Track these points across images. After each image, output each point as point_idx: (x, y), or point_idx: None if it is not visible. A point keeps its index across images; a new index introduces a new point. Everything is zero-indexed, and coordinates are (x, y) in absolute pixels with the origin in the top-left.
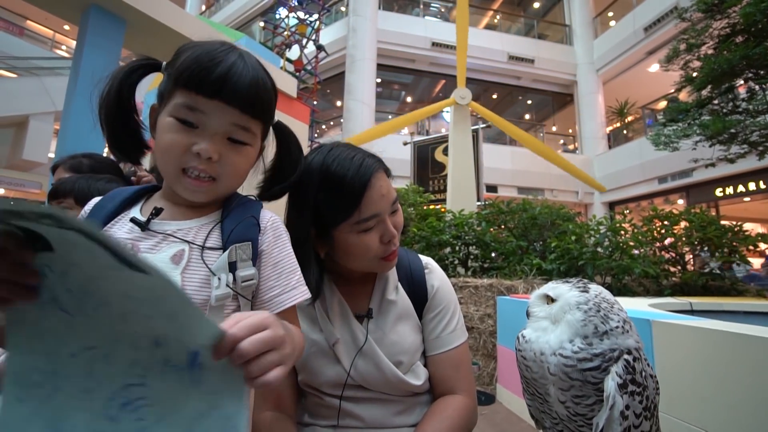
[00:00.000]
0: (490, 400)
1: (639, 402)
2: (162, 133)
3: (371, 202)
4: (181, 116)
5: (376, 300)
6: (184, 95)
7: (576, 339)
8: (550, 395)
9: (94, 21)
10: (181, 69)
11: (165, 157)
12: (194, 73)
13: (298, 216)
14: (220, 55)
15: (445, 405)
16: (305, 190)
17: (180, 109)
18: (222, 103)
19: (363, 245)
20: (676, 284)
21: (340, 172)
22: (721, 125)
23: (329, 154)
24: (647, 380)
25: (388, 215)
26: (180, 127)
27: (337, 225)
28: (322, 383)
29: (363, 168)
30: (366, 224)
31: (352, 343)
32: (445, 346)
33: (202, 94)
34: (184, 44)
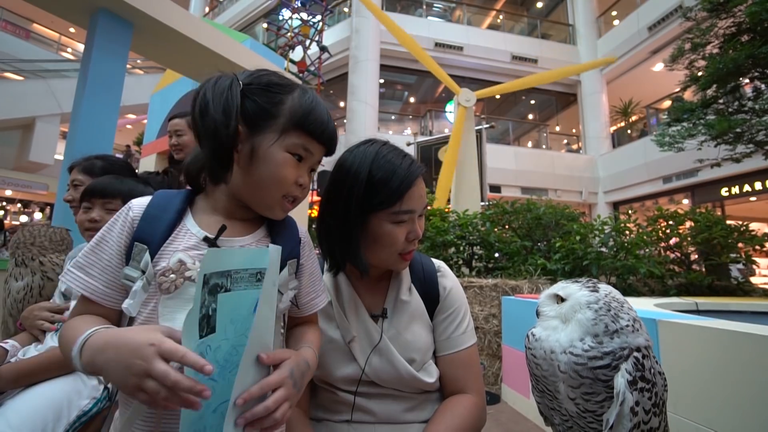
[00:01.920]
0: (495, 399)
1: (648, 398)
2: (278, 166)
3: (412, 198)
4: (298, 153)
5: (390, 300)
6: (302, 138)
7: (586, 338)
8: (559, 392)
9: (102, 24)
10: (305, 119)
11: (277, 186)
12: (319, 126)
13: (347, 196)
14: (326, 111)
15: (456, 403)
16: (357, 173)
17: (299, 148)
18: (324, 148)
19: (392, 236)
20: (681, 284)
21: (394, 162)
22: (726, 124)
23: (385, 146)
24: (656, 377)
25: (417, 217)
26: (295, 162)
27: (377, 210)
28: (337, 379)
29: (414, 166)
30: (401, 216)
31: (367, 341)
32: (456, 346)
33: (318, 141)
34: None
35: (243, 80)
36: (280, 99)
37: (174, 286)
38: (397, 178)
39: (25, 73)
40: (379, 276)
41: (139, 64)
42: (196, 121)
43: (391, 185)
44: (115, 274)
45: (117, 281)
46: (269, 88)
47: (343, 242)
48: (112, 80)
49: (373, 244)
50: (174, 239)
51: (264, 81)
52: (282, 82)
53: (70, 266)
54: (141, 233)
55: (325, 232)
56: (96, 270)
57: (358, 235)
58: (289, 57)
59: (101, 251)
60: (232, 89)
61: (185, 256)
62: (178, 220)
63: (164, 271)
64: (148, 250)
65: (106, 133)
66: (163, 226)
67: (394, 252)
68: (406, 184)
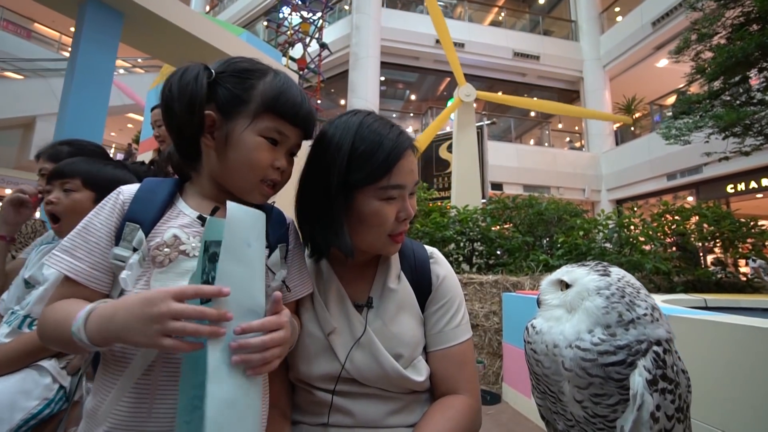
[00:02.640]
0: (495, 399)
1: (671, 401)
2: (251, 150)
3: (401, 172)
4: (272, 137)
5: (377, 289)
6: (275, 121)
7: (596, 329)
8: (564, 394)
9: (91, 14)
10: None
11: (252, 170)
12: (291, 107)
13: (328, 171)
14: (300, 93)
15: (447, 405)
16: (338, 146)
17: (272, 131)
18: (299, 130)
19: (380, 214)
20: (688, 281)
21: (381, 132)
22: (735, 116)
23: (370, 116)
24: (679, 376)
25: (408, 195)
26: (269, 146)
27: (362, 186)
28: (314, 377)
29: (402, 136)
30: (390, 192)
31: (349, 334)
32: (448, 341)
33: (291, 124)
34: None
35: (216, 68)
36: (251, 84)
37: (168, 260)
38: (383, 149)
39: (25, 72)
40: (365, 262)
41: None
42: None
43: (377, 157)
44: (103, 255)
45: (104, 263)
46: (240, 74)
47: (325, 223)
48: (101, 72)
49: (359, 225)
50: (167, 219)
51: (236, 68)
52: (254, 68)
53: (55, 250)
54: (133, 214)
55: (305, 212)
56: (82, 252)
57: (341, 214)
58: (289, 54)
59: (88, 234)
60: (197, 80)
61: (180, 231)
62: (170, 202)
63: (158, 246)
64: (141, 228)
65: (95, 127)
66: (155, 206)
67: (383, 233)
68: (394, 156)
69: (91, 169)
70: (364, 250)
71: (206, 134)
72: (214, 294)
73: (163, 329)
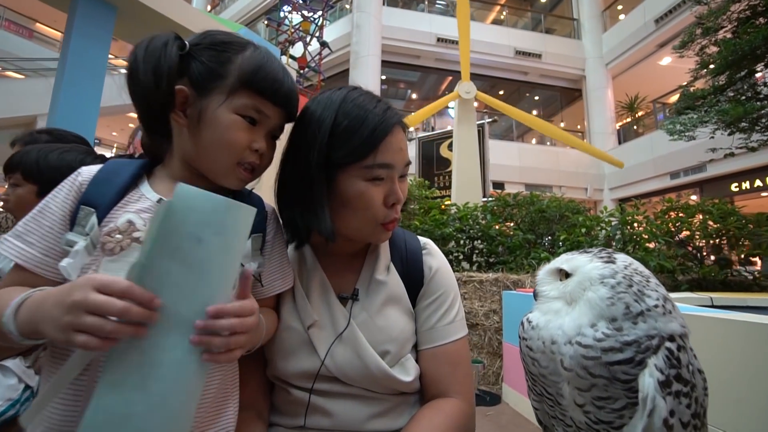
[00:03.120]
0: (495, 400)
1: (687, 406)
2: (226, 129)
3: (389, 150)
4: (249, 115)
5: (364, 280)
6: (253, 98)
7: (600, 323)
8: (563, 396)
9: (83, 8)
10: (253, 76)
11: (227, 151)
12: (270, 83)
13: (308, 148)
14: (281, 69)
15: (437, 410)
16: (320, 121)
17: (249, 109)
18: (281, 109)
19: (367, 197)
20: (693, 279)
21: (366, 106)
22: (741, 110)
23: (354, 90)
24: (695, 376)
25: (398, 177)
26: (246, 125)
27: (346, 166)
28: (291, 373)
29: (390, 112)
30: (377, 172)
31: (331, 328)
32: (440, 339)
33: (271, 102)
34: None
35: (190, 41)
36: (228, 58)
37: (119, 248)
38: (368, 124)
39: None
40: (353, 252)
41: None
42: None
43: (362, 133)
44: (56, 240)
45: (56, 248)
46: (217, 46)
47: (304, 204)
48: (94, 67)
49: (343, 208)
50: (126, 203)
51: (212, 40)
52: (232, 40)
53: (7, 235)
54: (88, 196)
55: (285, 194)
56: (35, 237)
57: (321, 194)
58: (289, 53)
59: (42, 218)
60: (166, 49)
61: (135, 217)
62: (133, 185)
63: (110, 231)
64: (95, 213)
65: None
66: (114, 189)
67: (371, 219)
68: (380, 131)
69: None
70: (351, 238)
71: (178, 111)
72: (145, 302)
73: (75, 323)
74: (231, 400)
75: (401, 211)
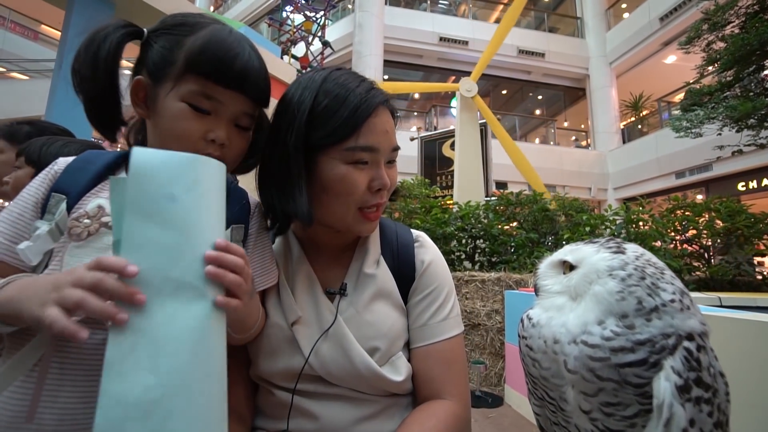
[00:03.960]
0: (497, 402)
1: (708, 414)
2: (174, 119)
3: (373, 131)
4: (197, 103)
5: (352, 274)
6: (200, 83)
7: (608, 320)
8: (567, 402)
9: (80, 5)
10: (198, 57)
11: (177, 142)
12: (215, 64)
13: (287, 130)
14: (235, 46)
15: (429, 413)
16: (299, 102)
17: (196, 96)
18: (238, 94)
19: (349, 181)
20: (701, 279)
21: (348, 85)
22: (750, 106)
23: (338, 71)
24: (717, 380)
25: (385, 162)
26: (195, 114)
27: (327, 148)
28: (274, 372)
29: (374, 91)
30: (359, 155)
31: (317, 324)
32: (433, 336)
33: (221, 85)
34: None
35: (150, 28)
36: (178, 41)
37: (87, 233)
38: (349, 104)
39: (30, 73)
40: (343, 246)
41: None
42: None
43: (342, 113)
44: (25, 227)
45: (25, 236)
46: (172, 30)
47: (281, 187)
48: None
49: (324, 194)
50: (99, 190)
51: (170, 22)
52: (188, 21)
53: None
54: (60, 184)
55: (265, 179)
56: (5, 225)
57: (299, 177)
58: (292, 53)
59: (14, 205)
60: (107, 39)
61: (106, 202)
62: (109, 173)
63: (78, 216)
64: (66, 200)
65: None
66: (87, 176)
67: (352, 205)
68: (362, 111)
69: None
70: (332, 226)
71: (140, 103)
72: (117, 270)
73: (59, 297)
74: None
75: (393, 200)
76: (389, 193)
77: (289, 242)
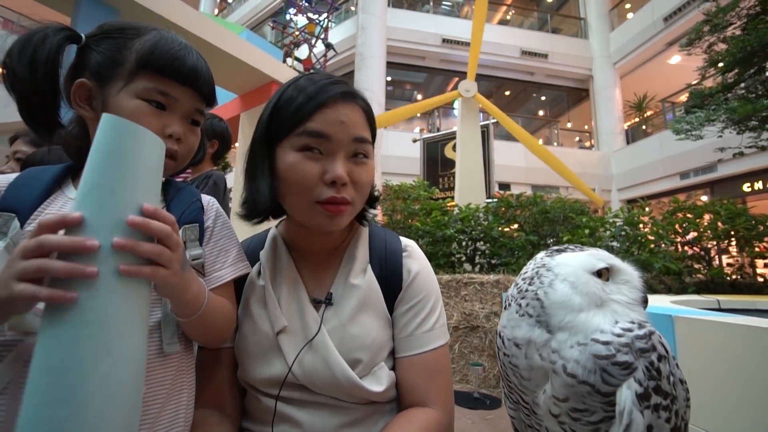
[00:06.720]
0: (495, 404)
1: (666, 420)
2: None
3: (324, 120)
4: (153, 99)
5: (339, 283)
6: (155, 80)
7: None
8: (538, 405)
9: (85, 11)
10: (151, 55)
11: None
12: (169, 61)
13: (256, 130)
14: (183, 46)
15: (411, 419)
16: (271, 99)
17: (151, 92)
18: (191, 90)
19: (299, 169)
20: (701, 281)
21: (315, 80)
22: (750, 108)
23: (318, 73)
24: (677, 388)
25: (347, 156)
26: (152, 110)
27: (283, 138)
28: (258, 379)
29: (336, 85)
30: (308, 140)
31: (302, 333)
32: (418, 347)
33: (176, 81)
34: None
35: (87, 33)
36: (124, 43)
37: None
38: (306, 93)
39: None
40: (328, 250)
41: None
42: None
43: (297, 102)
44: None
45: None
46: (113, 34)
47: (253, 181)
48: None
49: (282, 185)
50: (48, 205)
51: (109, 28)
52: (129, 26)
53: None
54: (5, 202)
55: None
56: None
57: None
58: (294, 55)
59: None
60: (45, 41)
61: None
62: (56, 187)
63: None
64: (16, 217)
65: None
66: (35, 192)
67: (306, 197)
68: (315, 100)
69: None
70: (302, 224)
71: (83, 104)
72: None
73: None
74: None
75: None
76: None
77: (278, 247)
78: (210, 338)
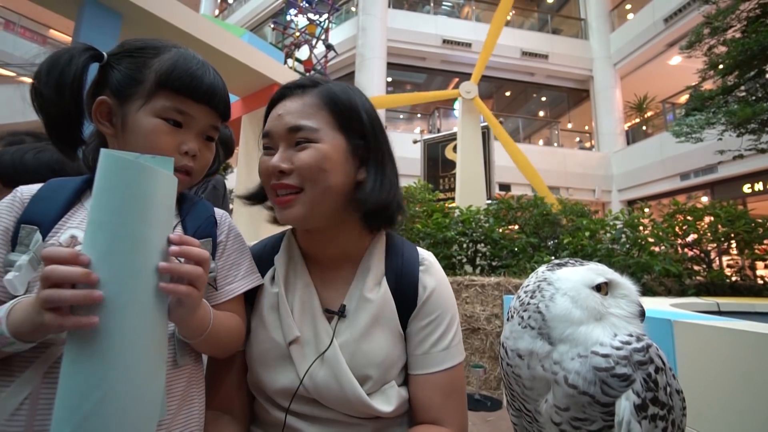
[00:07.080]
0: (496, 405)
1: (663, 429)
2: (149, 134)
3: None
4: (171, 118)
5: (353, 296)
6: (173, 99)
7: None
8: (540, 414)
9: (89, 15)
10: (170, 75)
11: None
12: (187, 80)
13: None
14: (201, 65)
15: None
16: None
17: (169, 111)
18: (208, 108)
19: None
20: (701, 284)
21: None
22: (750, 111)
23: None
24: (673, 398)
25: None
26: (169, 128)
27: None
28: (270, 389)
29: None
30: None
31: (314, 345)
32: (434, 365)
33: (192, 99)
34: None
35: (109, 51)
36: (144, 62)
37: None
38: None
39: None
40: (337, 256)
41: None
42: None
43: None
44: None
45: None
46: (134, 53)
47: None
48: None
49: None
50: (69, 218)
51: (129, 47)
52: (149, 45)
53: None
54: (30, 215)
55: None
56: None
57: None
58: (295, 56)
59: None
60: (71, 62)
61: (79, 231)
62: (76, 200)
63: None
64: (38, 230)
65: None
66: (57, 205)
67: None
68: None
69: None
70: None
71: (103, 121)
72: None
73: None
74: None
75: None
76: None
77: (293, 252)
78: (217, 353)
